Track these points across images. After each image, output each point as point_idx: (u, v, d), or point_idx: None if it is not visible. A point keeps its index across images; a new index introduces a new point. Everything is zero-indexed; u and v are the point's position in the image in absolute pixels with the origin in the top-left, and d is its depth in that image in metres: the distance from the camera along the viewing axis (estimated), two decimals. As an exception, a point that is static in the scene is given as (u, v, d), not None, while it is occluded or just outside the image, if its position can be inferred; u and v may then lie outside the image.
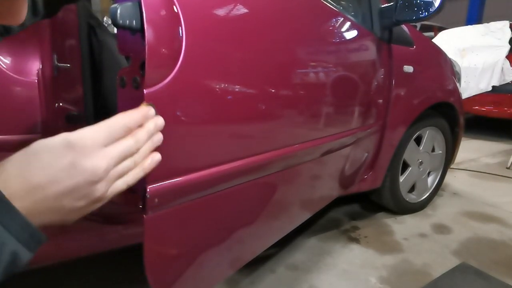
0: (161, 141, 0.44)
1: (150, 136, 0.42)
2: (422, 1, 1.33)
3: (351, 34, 1.22)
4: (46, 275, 1.21)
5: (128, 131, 0.39)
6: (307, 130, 1.03)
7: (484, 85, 3.77)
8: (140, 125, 0.41)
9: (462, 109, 2.06)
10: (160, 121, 0.44)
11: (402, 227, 1.81)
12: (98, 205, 0.39)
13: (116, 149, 0.37)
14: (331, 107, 1.11)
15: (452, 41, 4.28)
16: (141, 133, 0.41)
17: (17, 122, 0.75)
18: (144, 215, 0.60)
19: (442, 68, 1.93)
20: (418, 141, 1.88)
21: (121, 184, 0.39)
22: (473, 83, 3.83)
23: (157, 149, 0.44)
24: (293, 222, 1.17)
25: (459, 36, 4.36)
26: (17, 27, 0.38)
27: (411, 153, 1.84)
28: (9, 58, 0.73)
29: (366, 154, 1.55)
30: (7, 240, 0.31)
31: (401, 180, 1.84)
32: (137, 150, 0.40)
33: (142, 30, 0.52)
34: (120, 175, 0.39)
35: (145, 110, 0.42)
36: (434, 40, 4.19)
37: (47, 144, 0.34)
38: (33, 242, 0.33)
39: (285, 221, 1.13)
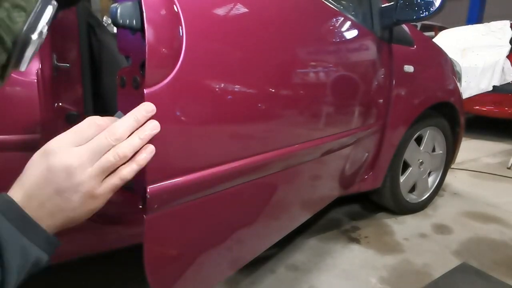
0: (157, 128, 0.44)
1: (130, 127, 0.42)
2: (422, 0, 1.32)
3: (351, 34, 1.21)
4: (46, 276, 1.20)
5: (99, 128, 0.41)
6: (308, 130, 1.03)
7: (485, 85, 3.77)
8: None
9: (463, 109, 2.06)
10: (144, 108, 0.43)
11: (403, 227, 1.81)
12: (99, 201, 0.41)
13: (87, 145, 0.39)
14: (331, 107, 1.11)
15: (453, 41, 4.28)
16: (115, 126, 0.41)
17: (16, 122, 0.74)
18: (144, 215, 0.59)
19: (443, 67, 1.93)
20: (419, 141, 1.88)
21: (116, 180, 0.41)
22: (473, 83, 3.83)
23: (157, 149, 0.44)
24: (293, 222, 1.17)
25: (459, 35, 4.36)
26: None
27: (411, 153, 1.83)
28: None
29: (367, 154, 1.55)
30: (32, 249, 0.37)
31: (401, 180, 1.84)
32: (115, 141, 0.40)
33: (142, 29, 0.52)
34: (108, 170, 0.40)
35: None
36: (435, 40, 4.18)
37: (32, 159, 0.40)
38: (51, 248, 0.40)
39: (285, 221, 1.12)
